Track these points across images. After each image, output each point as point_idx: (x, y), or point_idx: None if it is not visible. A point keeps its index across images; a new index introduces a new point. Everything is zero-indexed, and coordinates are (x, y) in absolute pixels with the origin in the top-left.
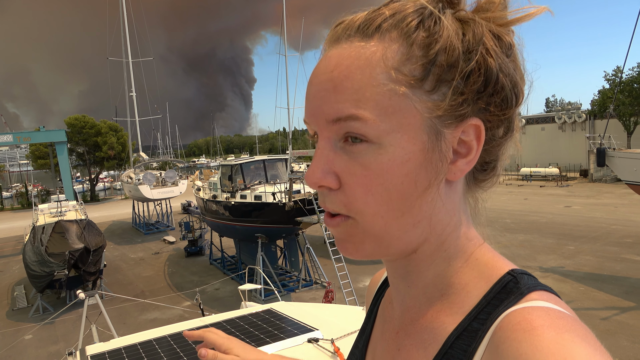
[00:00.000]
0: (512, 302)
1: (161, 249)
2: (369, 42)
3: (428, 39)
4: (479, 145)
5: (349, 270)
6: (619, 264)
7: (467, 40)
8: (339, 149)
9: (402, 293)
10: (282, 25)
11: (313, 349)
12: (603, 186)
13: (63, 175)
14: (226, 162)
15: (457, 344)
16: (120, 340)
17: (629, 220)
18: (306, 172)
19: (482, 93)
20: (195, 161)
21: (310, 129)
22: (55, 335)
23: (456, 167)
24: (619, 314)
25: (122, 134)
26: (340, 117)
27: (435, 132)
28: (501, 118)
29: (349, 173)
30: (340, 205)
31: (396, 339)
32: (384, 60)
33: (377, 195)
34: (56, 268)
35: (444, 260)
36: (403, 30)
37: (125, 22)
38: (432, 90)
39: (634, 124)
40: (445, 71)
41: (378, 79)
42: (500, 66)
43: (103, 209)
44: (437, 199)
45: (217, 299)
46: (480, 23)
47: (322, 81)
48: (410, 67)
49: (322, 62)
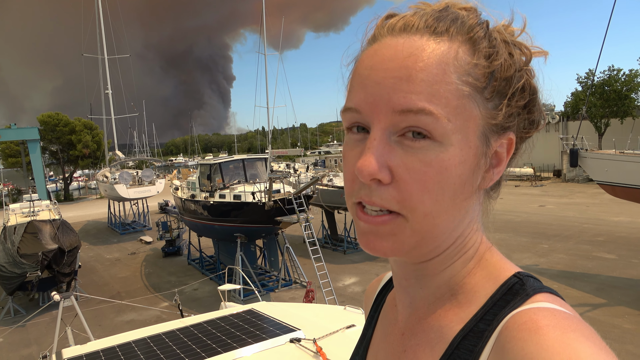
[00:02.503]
0: (518, 303)
1: (138, 249)
2: (442, 39)
3: (490, 49)
4: (508, 158)
5: (328, 269)
6: (591, 262)
7: (516, 60)
8: (394, 143)
9: (412, 295)
10: (262, 24)
11: (295, 349)
12: (575, 186)
13: (35, 174)
14: (205, 161)
15: (463, 344)
16: (97, 343)
17: (600, 219)
18: (359, 162)
19: (522, 110)
20: (173, 160)
21: (351, 118)
22: (27, 339)
23: (489, 176)
24: (591, 310)
25: (97, 132)
26: (411, 108)
27: (486, 139)
28: (526, 136)
29: (406, 168)
30: (393, 201)
31: (402, 340)
32: (457, 59)
33: (434, 193)
34: (28, 269)
35: (462, 262)
36: (472, 37)
37: (101, 18)
38: (489, 99)
39: (604, 126)
40: (502, 84)
41: (451, 77)
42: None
43: (77, 209)
44: (476, 203)
45: (195, 299)
46: (527, 47)
47: (394, 68)
48: (477, 73)
49: (387, 49)
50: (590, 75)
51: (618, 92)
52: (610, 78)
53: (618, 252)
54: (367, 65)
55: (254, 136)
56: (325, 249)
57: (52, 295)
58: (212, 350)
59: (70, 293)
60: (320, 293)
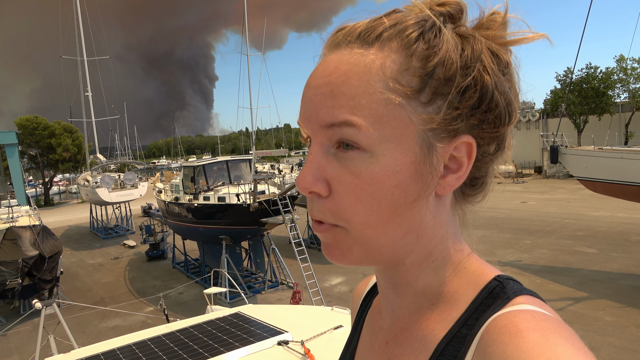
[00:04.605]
0: (499, 306)
1: (121, 253)
2: (369, 50)
3: (427, 51)
4: (469, 162)
5: (315, 270)
6: (572, 257)
7: (465, 55)
8: (331, 155)
9: (392, 303)
10: (244, 24)
11: (283, 351)
12: (556, 182)
13: (14, 179)
14: (188, 163)
15: (447, 350)
16: (81, 351)
17: (581, 214)
18: (297, 177)
19: (476, 109)
20: (156, 162)
21: (303, 132)
22: (8, 348)
23: (446, 182)
24: (573, 304)
25: (77, 136)
26: (334, 122)
27: (427, 145)
28: (493, 135)
29: (339, 181)
30: (328, 213)
31: (386, 349)
32: (383, 69)
33: (367, 204)
34: (8, 277)
35: (431, 270)
36: (403, 41)
37: (80, 19)
38: (427, 103)
39: (583, 123)
40: (442, 84)
41: (375, 87)
42: (496, 84)
43: (58, 214)
44: (426, 211)
45: (181, 303)
46: (480, 40)
47: (319, 85)
48: (408, 78)
49: (320, 66)
50: (569, 73)
51: (596, 89)
52: (588, 76)
53: (598, 246)
54: (307, 82)
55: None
56: (311, 250)
57: (34, 302)
58: (199, 355)
59: (52, 300)
60: (307, 294)
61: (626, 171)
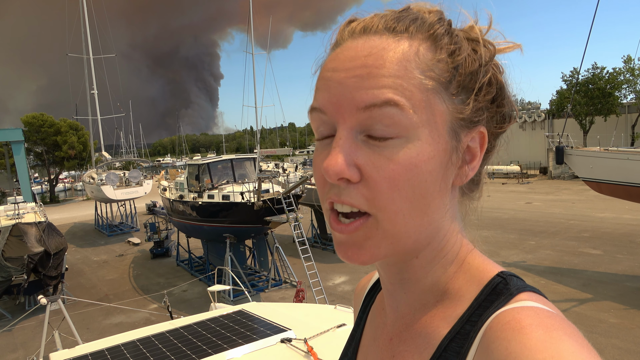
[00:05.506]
0: (502, 303)
1: (125, 250)
2: (402, 37)
3: (453, 46)
4: (482, 153)
5: (318, 269)
6: (577, 258)
7: (480, 55)
8: (360, 142)
9: (398, 299)
10: (249, 23)
11: (286, 349)
12: (561, 183)
13: (20, 176)
14: (193, 161)
15: (450, 346)
16: (86, 347)
17: (586, 215)
18: (325, 161)
19: (491, 105)
20: (160, 161)
21: (318, 119)
22: (13, 343)
23: (462, 172)
24: (578, 305)
25: (83, 133)
26: (375, 102)
27: (455, 134)
28: (497, 132)
29: (374, 166)
30: (362, 199)
31: (390, 345)
32: (419, 56)
33: (403, 191)
34: (14, 273)
35: (442, 266)
36: (432, 34)
37: (86, 17)
38: (455, 95)
39: (589, 123)
40: (467, 79)
41: (413, 72)
42: (505, 83)
43: (64, 211)
44: (448, 202)
45: (185, 301)
46: (491, 43)
47: (354, 67)
48: (441, 67)
49: (346, 50)
50: (575, 73)
51: (602, 90)
52: (594, 76)
53: (603, 247)
54: (330, 67)
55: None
56: (314, 248)
57: (39, 298)
58: (202, 351)
59: (57, 296)
60: (310, 292)
61: (632, 172)
